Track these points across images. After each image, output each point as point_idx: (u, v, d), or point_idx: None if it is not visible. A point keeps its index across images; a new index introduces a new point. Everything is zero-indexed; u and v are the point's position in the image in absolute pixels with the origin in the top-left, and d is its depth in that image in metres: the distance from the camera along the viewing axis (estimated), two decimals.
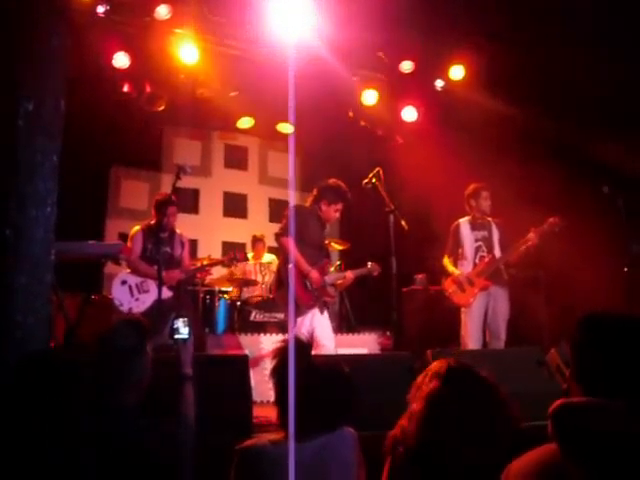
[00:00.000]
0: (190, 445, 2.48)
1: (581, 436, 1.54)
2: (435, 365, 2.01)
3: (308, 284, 5.22)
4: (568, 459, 1.54)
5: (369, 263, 5.67)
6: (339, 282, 5.64)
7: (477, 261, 6.00)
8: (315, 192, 5.50)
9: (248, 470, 2.29)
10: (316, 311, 5.29)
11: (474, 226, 6.11)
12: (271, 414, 4.27)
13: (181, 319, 2.83)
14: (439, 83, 8.37)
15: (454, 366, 1.96)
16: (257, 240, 8.34)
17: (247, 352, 5.90)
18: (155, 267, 5.68)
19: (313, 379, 2.35)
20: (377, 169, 5.40)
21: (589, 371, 1.71)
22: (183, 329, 2.81)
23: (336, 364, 2.45)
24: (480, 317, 5.87)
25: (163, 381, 2.57)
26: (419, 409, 1.91)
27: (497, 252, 6.00)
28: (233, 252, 6.61)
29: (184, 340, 2.80)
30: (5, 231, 3.46)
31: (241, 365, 3.69)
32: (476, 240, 6.06)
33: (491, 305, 5.90)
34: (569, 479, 1.52)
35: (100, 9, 6.77)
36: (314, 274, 5.21)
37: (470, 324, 5.85)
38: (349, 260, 6.23)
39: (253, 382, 5.46)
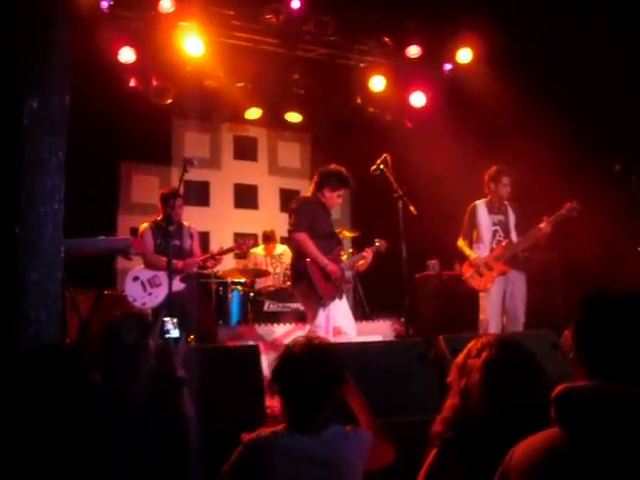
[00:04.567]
0: (195, 442, 2.47)
1: (583, 421, 1.52)
2: (478, 341, 2.07)
3: (328, 276, 5.20)
4: (570, 443, 1.52)
5: (376, 240, 5.64)
6: (360, 263, 5.60)
7: (494, 245, 5.95)
8: (317, 179, 5.44)
9: (255, 462, 2.29)
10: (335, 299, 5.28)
11: (491, 209, 6.04)
12: None
13: (170, 319, 2.76)
14: (447, 67, 8.34)
15: (502, 337, 2.09)
16: (267, 237, 8.29)
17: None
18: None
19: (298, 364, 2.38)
20: (384, 155, 5.35)
21: (591, 352, 1.65)
22: (173, 330, 2.73)
23: (322, 351, 2.44)
24: (499, 301, 5.86)
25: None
26: (477, 380, 1.96)
27: (514, 236, 5.96)
28: (242, 239, 6.59)
29: (175, 340, 2.72)
30: (14, 228, 3.47)
31: (251, 355, 3.68)
32: (493, 224, 6.00)
33: (509, 289, 5.88)
34: (572, 463, 1.51)
35: (104, 4, 6.79)
36: (331, 266, 5.17)
37: (490, 309, 5.83)
38: (361, 247, 6.22)
39: (268, 372, 5.51)
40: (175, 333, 2.73)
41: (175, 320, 2.76)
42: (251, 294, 7.32)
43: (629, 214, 5.49)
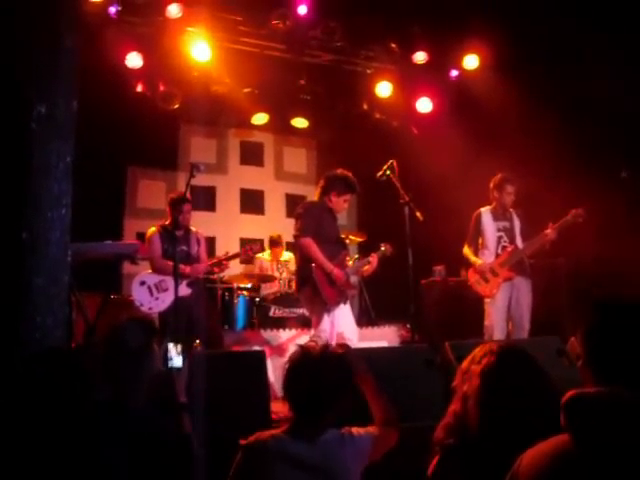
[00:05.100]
0: (199, 446, 2.47)
1: (593, 427, 1.51)
2: (482, 347, 2.08)
3: (333, 281, 5.19)
4: (580, 450, 1.51)
5: (381, 245, 5.62)
6: (365, 268, 5.59)
7: (499, 251, 5.95)
8: (323, 183, 5.43)
9: (252, 465, 2.30)
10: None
11: (496, 216, 6.05)
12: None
13: (174, 346, 2.74)
14: (453, 73, 8.35)
15: (505, 344, 2.08)
16: (274, 242, 8.25)
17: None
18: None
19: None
20: (391, 161, 5.36)
21: (600, 358, 1.65)
22: (177, 357, 2.71)
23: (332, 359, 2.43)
24: (504, 307, 5.85)
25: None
26: (476, 386, 1.96)
27: (519, 242, 5.96)
28: (249, 245, 6.59)
29: (178, 369, 2.72)
30: (22, 233, 3.48)
31: (257, 361, 3.69)
32: (498, 230, 6.01)
33: (514, 295, 5.87)
34: (581, 470, 1.50)
35: (112, 10, 6.82)
36: (337, 271, 5.16)
37: (495, 315, 5.83)
38: (367, 253, 6.22)
39: (274, 377, 5.51)
40: (178, 362, 2.70)
41: (179, 347, 2.73)
42: (257, 299, 7.32)
43: (635, 220, 5.48)
